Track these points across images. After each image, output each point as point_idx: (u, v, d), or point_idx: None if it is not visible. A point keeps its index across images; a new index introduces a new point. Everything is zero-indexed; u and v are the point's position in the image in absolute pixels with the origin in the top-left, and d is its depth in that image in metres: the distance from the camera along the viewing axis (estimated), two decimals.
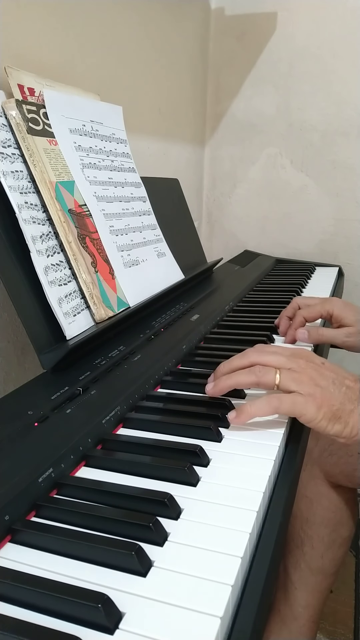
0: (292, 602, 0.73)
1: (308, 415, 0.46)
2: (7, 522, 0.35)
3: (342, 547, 0.74)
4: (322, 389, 0.47)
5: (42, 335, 0.57)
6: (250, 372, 0.49)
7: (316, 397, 0.46)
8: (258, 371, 0.48)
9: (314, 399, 0.46)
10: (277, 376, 0.47)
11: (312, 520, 0.72)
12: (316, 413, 0.46)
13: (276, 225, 1.46)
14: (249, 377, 0.49)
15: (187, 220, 1.05)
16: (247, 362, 0.50)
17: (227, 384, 0.50)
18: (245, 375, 0.49)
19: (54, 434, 0.44)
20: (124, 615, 0.29)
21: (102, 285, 0.67)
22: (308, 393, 0.46)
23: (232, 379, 0.50)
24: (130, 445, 0.46)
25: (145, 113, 1.12)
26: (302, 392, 0.46)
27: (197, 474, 0.41)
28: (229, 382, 0.50)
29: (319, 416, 0.46)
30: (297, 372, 0.48)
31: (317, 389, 0.47)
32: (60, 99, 0.69)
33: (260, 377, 0.48)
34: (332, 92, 1.29)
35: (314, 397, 0.46)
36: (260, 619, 0.31)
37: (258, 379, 0.48)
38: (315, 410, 0.46)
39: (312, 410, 0.46)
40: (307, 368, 0.49)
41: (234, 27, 1.37)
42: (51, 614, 0.29)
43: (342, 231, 1.37)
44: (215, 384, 0.50)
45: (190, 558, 0.33)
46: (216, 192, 1.52)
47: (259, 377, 0.48)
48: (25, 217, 0.58)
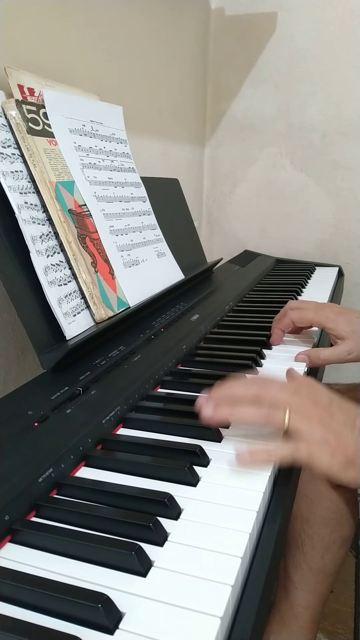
0: (292, 602, 0.73)
1: (322, 464, 0.43)
2: (7, 522, 0.35)
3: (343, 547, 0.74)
4: (335, 433, 0.44)
5: (42, 335, 0.57)
6: (258, 409, 0.45)
7: (330, 442, 0.43)
8: (267, 408, 0.44)
9: (328, 444, 0.43)
10: (287, 417, 0.44)
11: (313, 520, 0.72)
12: (330, 461, 0.43)
13: (276, 225, 1.46)
14: (257, 415, 0.44)
15: (187, 220, 1.05)
16: (251, 395, 0.46)
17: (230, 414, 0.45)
18: (253, 412, 0.45)
19: (54, 434, 0.44)
20: (124, 615, 0.29)
21: (102, 285, 0.67)
22: (321, 440, 0.43)
23: (236, 414, 0.45)
24: (130, 445, 0.46)
25: (145, 113, 1.12)
26: (314, 437, 0.43)
27: (197, 474, 0.41)
28: (233, 414, 0.45)
29: (333, 464, 0.43)
30: (307, 412, 0.44)
31: (330, 435, 0.43)
32: (60, 99, 0.69)
33: (269, 417, 0.44)
34: (332, 92, 1.29)
35: (327, 443, 0.43)
36: (260, 619, 0.31)
37: (267, 419, 0.44)
38: (329, 458, 0.43)
39: (326, 458, 0.42)
40: (315, 408, 0.45)
41: (234, 27, 1.37)
42: (51, 614, 0.29)
43: (342, 231, 1.37)
44: (216, 412, 0.45)
45: (190, 558, 0.33)
46: (216, 192, 1.52)
47: (268, 415, 0.44)
48: (25, 217, 0.58)
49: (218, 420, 0.46)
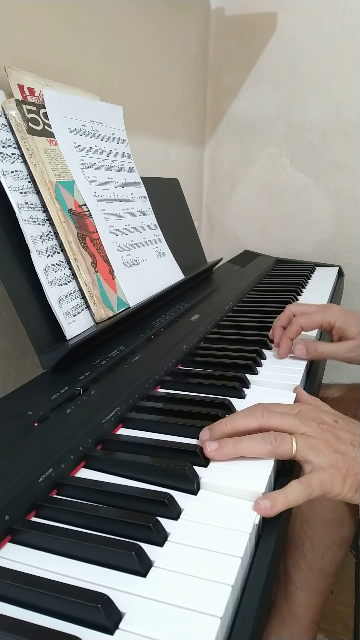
0: (292, 602, 0.73)
1: (335, 490, 0.42)
2: (7, 522, 0.35)
3: (343, 547, 0.74)
4: (343, 455, 0.43)
5: (42, 335, 0.57)
6: (264, 440, 0.43)
7: (340, 467, 0.42)
8: (274, 440, 0.43)
9: (338, 470, 0.42)
10: (294, 445, 0.43)
11: (313, 521, 0.72)
12: (342, 486, 0.42)
13: (276, 225, 1.46)
14: (263, 447, 0.43)
15: (187, 220, 1.05)
16: (255, 425, 0.45)
17: (235, 451, 0.43)
18: (259, 444, 0.43)
19: (54, 434, 0.44)
20: (124, 615, 0.29)
21: (102, 285, 0.67)
22: (330, 464, 0.42)
23: (242, 447, 0.43)
24: (130, 445, 0.46)
25: (145, 113, 1.12)
26: (323, 464, 0.42)
27: (197, 473, 0.41)
28: (239, 450, 0.43)
29: (345, 489, 0.42)
30: (314, 438, 0.44)
31: (338, 458, 0.42)
32: (60, 99, 0.69)
33: (277, 448, 0.43)
34: (332, 92, 1.29)
35: (337, 467, 0.42)
36: (260, 619, 0.31)
37: (274, 450, 0.43)
38: (342, 484, 0.42)
39: (339, 484, 0.42)
40: (321, 432, 0.44)
41: (234, 27, 1.37)
42: (51, 614, 0.29)
43: (342, 231, 1.37)
44: (221, 448, 0.43)
45: (190, 558, 0.33)
46: (216, 192, 1.52)
47: (275, 447, 0.43)
48: (26, 217, 0.58)
49: (224, 459, 0.44)
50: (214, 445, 0.43)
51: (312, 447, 0.43)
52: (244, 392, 0.56)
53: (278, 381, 0.59)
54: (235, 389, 0.56)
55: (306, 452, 0.42)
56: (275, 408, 0.47)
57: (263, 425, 0.45)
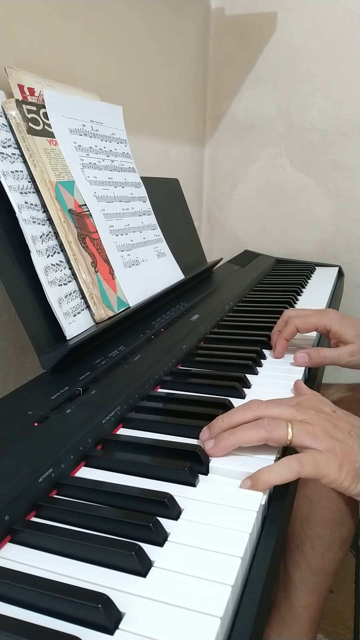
0: (292, 602, 0.73)
1: (331, 475, 0.41)
2: (7, 522, 0.35)
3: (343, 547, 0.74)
4: (341, 443, 0.43)
5: (42, 335, 0.57)
6: (258, 426, 0.43)
7: (336, 453, 0.42)
8: (267, 425, 0.43)
9: (334, 455, 0.41)
10: (289, 430, 0.42)
11: (312, 521, 0.72)
12: (339, 473, 0.41)
13: (276, 225, 1.46)
14: (257, 433, 0.43)
15: (187, 220, 1.05)
16: (251, 416, 0.45)
17: (231, 441, 0.43)
18: (252, 431, 0.43)
19: (54, 434, 0.44)
20: (124, 615, 0.29)
21: (102, 285, 0.67)
22: (326, 449, 0.42)
23: (237, 436, 0.43)
24: (130, 446, 0.46)
25: (145, 113, 1.12)
26: (319, 448, 0.42)
27: (197, 473, 0.41)
28: (234, 440, 0.43)
29: (341, 476, 0.41)
30: (311, 425, 0.43)
31: (335, 444, 0.42)
32: (60, 99, 0.69)
33: (271, 432, 0.42)
34: (332, 92, 1.29)
35: (333, 453, 0.42)
36: (260, 619, 0.31)
37: (268, 434, 0.42)
38: (338, 470, 0.41)
39: (335, 469, 0.41)
40: (319, 420, 0.44)
41: (234, 27, 1.37)
42: (51, 614, 0.29)
43: (342, 231, 1.37)
44: (217, 443, 0.43)
45: (190, 558, 0.33)
46: (216, 192, 1.52)
47: (269, 431, 0.42)
48: (26, 217, 0.58)
49: (222, 453, 0.44)
50: (211, 442, 0.44)
51: (309, 433, 0.43)
52: (244, 392, 0.56)
53: (278, 381, 0.59)
54: (235, 389, 0.56)
55: (303, 437, 0.42)
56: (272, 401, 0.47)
57: (259, 416, 0.45)
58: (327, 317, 0.66)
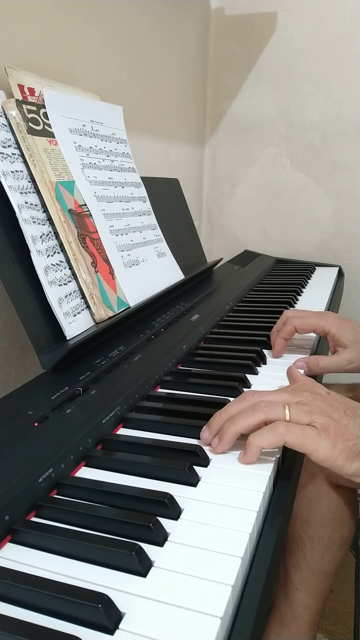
0: (292, 602, 0.73)
1: (322, 451, 0.41)
2: (7, 522, 0.35)
3: (343, 547, 0.74)
4: (336, 421, 0.43)
5: (42, 335, 0.57)
6: (254, 409, 0.44)
7: (330, 431, 0.42)
8: (264, 407, 0.43)
9: (327, 433, 0.42)
10: (287, 411, 0.43)
11: (312, 521, 0.72)
12: (331, 450, 0.41)
13: (276, 225, 1.46)
14: (255, 416, 0.43)
15: (187, 220, 1.05)
16: (247, 406, 0.45)
17: (232, 431, 0.44)
18: (250, 415, 0.44)
19: (54, 434, 0.44)
20: (124, 615, 0.29)
21: (102, 285, 0.67)
22: (322, 426, 0.42)
23: (236, 424, 0.44)
24: (130, 445, 0.46)
25: (145, 113, 1.12)
26: (315, 424, 0.42)
27: (197, 474, 0.41)
28: (235, 429, 0.44)
29: (334, 454, 0.41)
30: (307, 405, 0.44)
31: (331, 422, 0.42)
32: (60, 99, 0.69)
33: (268, 414, 0.43)
34: (332, 92, 1.29)
35: (327, 431, 0.42)
36: (260, 619, 0.31)
37: (266, 416, 0.43)
38: (330, 447, 0.41)
39: (326, 446, 0.41)
40: (314, 400, 0.45)
41: (234, 27, 1.37)
42: (51, 614, 0.29)
43: (342, 231, 1.37)
44: (220, 438, 0.44)
45: (190, 558, 0.33)
46: (216, 192, 1.52)
47: (267, 413, 0.43)
48: (26, 217, 0.58)
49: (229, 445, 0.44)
50: (215, 440, 0.45)
51: (306, 412, 0.43)
52: (244, 392, 0.56)
53: (278, 381, 0.59)
54: (235, 389, 0.56)
55: (301, 416, 0.43)
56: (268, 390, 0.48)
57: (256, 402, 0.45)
58: (326, 320, 0.67)
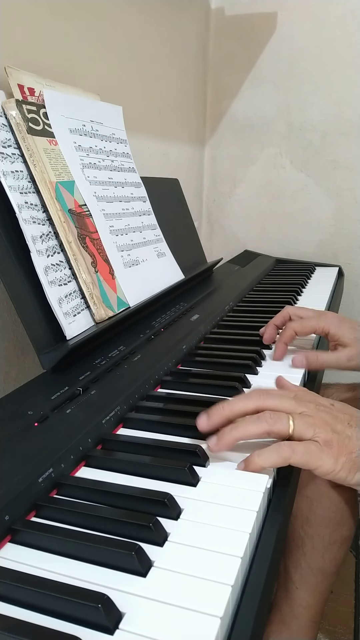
0: (292, 602, 0.73)
1: (325, 467, 0.41)
2: (7, 522, 0.35)
3: (343, 547, 0.74)
4: (339, 434, 0.43)
5: (42, 335, 0.57)
6: (259, 419, 0.43)
7: (333, 446, 0.42)
8: (269, 418, 0.43)
9: (330, 448, 0.42)
10: (291, 423, 0.43)
11: (313, 520, 0.72)
12: (334, 464, 0.42)
13: (276, 225, 1.46)
14: (259, 426, 0.43)
15: (187, 220, 1.04)
16: (252, 406, 0.45)
17: (233, 436, 0.44)
18: (254, 424, 0.43)
19: (54, 434, 0.44)
20: (124, 615, 0.29)
21: (102, 285, 0.67)
22: (324, 441, 0.42)
23: (239, 430, 0.43)
24: (130, 445, 0.46)
25: (145, 113, 1.12)
26: (318, 439, 0.42)
27: (197, 474, 0.41)
28: (236, 434, 0.43)
29: (337, 467, 0.42)
30: (311, 417, 0.44)
31: (334, 436, 0.42)
32: (60, 99, 0.69)
33: (273, 426, 0.43)
34: (332, 92, 1.29)
35: (330, 446, 0.42)
36: (260, 619, 0.31)
37: (270, 428, 0.43)
38: (333, 462, 0.41)
39: (329, 461, 0.41)
40: (318, 412, 0.44)
41: (234, 27, 1.37)
42: (51, 614, 0.29)
43: (342, 231, 1.37)
44: (220, 438, 0.44)
45: (190, 558, 0.33)
46: (216, 192, 1.52)
47: (271, 425, 0.43)
48: (26, 217, 0.58)
49: (226, 448, 0.44)
50: (214, 439, 0.44)
51: (310, 425, 0.43)
52: (244, 392, 0.56)
53: None
54: (235, 389, 0.56)
55: (304, 430, 0.43)
56: (273, 391, 0.48)
57: (260, 406, 0.45)
58: (325, 320, 0.66)
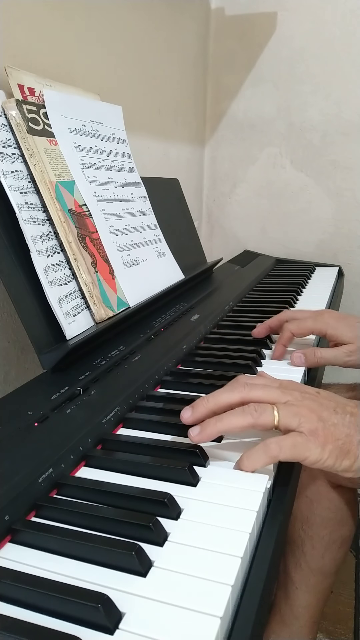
0: (292, 602, 0.73)
1: (312, 457, 0.41)
2: (7, 522, 0.35)
3: (343, 547, 0.74)
4: (325, 422, 0.42)
5: (42, 335, 0.57)
6: (244, 412, 0.43)
7: (318, 434, 0.41)
8: (254, 410, 0.42)
9: (316, 437, 0.41)
10: (275, 414, 0.42)
11: (313, 520, 0.72)
12: (321, 453, 0.41)
13: (276, 225, 1.46)
14: (244, 419, 0.42)
15: (187, 220, 1.04)
16: (237, 397, 0.44)
17: (217, 428, 0.43)
18: (239, 417, 0.43)
19: (54, 434, 0.44)
20: (124, 615, 0.29)
21: (102, 285, 0.67)
22: (309, 430, 0.42)
23: (223, 423, 0.43)
24: (130, 445, 0.46)
25: (145, 113, 1.12)
26: (303, 429, 0.42)
27: (197, 473, 0.41)
28: (220, 427, 0.43)
29: (324, 456, 0.41)
30: (296, 406, 0.43)
31: (319, 424, 0.42)
32: (60, 99, 0.69)
33: (257, 418, 0.42)
34: (332, 92, 1.29)
35: (316, 434, 0.41)
36: (260, 619, 0.31)
37: (255, 420, 0.42)
38: (320, 450, 0.41)
39: (316, 450, 0.41)
40: (304, 399, 0.44)
41: (234, 27, 1.37)
42: (51, 614, 0.29)
43: (342, 231, 1.37)
44: (203, 429, 0.43)
45: (190, 558, 0.33)
46: (216, 192, 1.52)
47: (256, 417, 0.42)
48: (26, 217, 0.58)
49: (208, 440, 0.43)
50: (197, 429, 0.43)
51: (295, 414, 0.42)
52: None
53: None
54: None
55: (289, 420, 0.42)
56: (257, 380, 0.47)
57: (245, 398, 0.44)
58: (322, 321, 0.65)
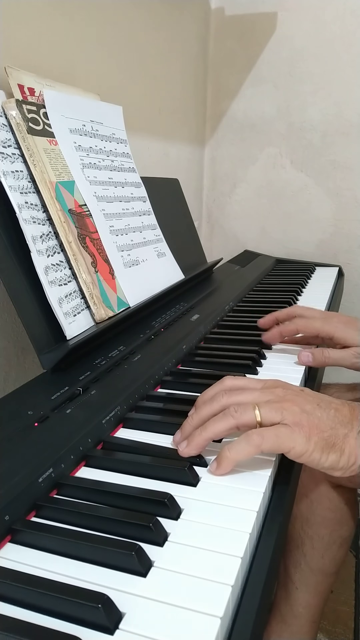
0: (292, 602, 0.73)
1: (297, 447, 0.40)
2: (7, 522, 0.35)
3: (343, 547, 0.74)
4: (309, 414, 0.42)
5: (42, 335, 0.57)
6: (225, 415, 0.43)
7: (303, 425, 0.41)
8: (234, 412, 0.43)
9: (301, 427, 0.41)
10: (257, 412, 0.42)
11: (313, 520, 0.72)
12: (306, 444, 0.40)
13: (276, 225, 1.46)
14: (226, 422, 0.43)
15: (187, 220, 1.04)
16: (218, 407, 0.44)
17: (202, 438, 0.43)
18: (221, 422, 0.43)
19: (54, 434, 0.44)
20: (124, 615, 0.29)
21: (102, 285, 0.67)
22: (293, 422, 0.41)
23: (207, 430, 0.43)
24: (131, 445, 0.46)
25: (145, 113, 1.12)
26: (287, 421, 0.41)
27: (197, 474, 0.41)
28: (205, 435, 0.43)
29: (309, 447, 0.40)
30: (278, 402, 0.43)
31: (303, 416, 0.41)
32: (60, 99, 0.69)
33: (239, 418, 0.42)
34: (332, 92, 1.29)
35: (300, 425, 0.41)
36: (260, 619, 0.31)
37: (237, 421, 0.42)
38: (305, 441, 0.40)
39: (301, 441, 0.40)
40: (286, 394, 0.44)
41: (234, 27, 1.37)
42: (51, 614, 0.29)
43: (342, 231, 1.37)
44: (190, 442, 0.43)
45: (190, 558, 0.33)
46: (216, 192, 1.52)
47: (237, 418, 0.42)
48: (26, 217, 0.58)
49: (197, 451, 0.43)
50: (184, 443, 0.44)
51: (278, 409, 0.42)
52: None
53: None
54: None
55: (271, 415, 0.42)
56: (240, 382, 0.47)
57: (225, 405, 0.44)
58: (330, 324, 0.65)
